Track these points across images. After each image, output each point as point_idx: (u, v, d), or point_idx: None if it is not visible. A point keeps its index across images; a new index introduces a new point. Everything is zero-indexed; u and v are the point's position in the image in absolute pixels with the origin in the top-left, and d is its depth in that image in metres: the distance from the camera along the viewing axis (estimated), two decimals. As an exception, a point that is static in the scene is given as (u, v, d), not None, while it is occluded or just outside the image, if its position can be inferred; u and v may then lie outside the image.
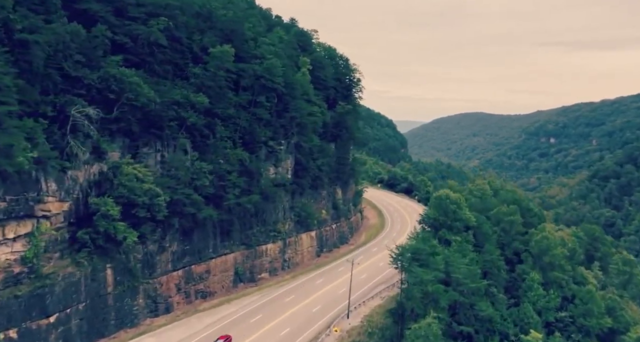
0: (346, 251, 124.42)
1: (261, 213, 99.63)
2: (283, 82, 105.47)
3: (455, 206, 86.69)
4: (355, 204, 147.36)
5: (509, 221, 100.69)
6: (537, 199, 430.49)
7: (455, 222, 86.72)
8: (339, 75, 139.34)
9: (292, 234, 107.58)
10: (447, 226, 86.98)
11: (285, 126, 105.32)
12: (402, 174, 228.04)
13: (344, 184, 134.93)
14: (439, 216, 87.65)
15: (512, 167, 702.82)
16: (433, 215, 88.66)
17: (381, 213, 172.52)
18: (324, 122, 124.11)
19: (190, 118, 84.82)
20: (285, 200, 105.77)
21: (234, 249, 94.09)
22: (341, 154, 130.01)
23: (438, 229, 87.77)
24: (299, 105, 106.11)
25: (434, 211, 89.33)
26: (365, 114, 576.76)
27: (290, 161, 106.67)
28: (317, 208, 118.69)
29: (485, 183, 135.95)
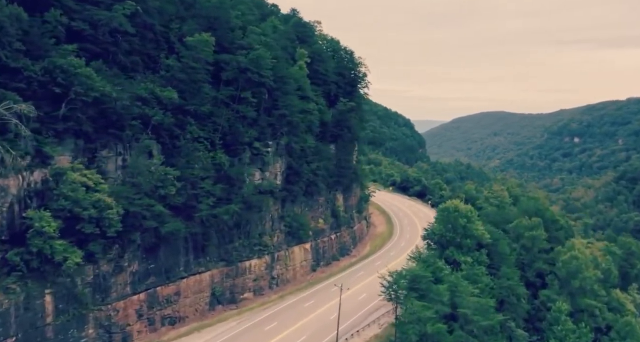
0: (347, 264, 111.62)
1: (244, 224, 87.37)
2: (273, 76, 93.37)
3: (465, 219, 73.03)
4: (359, 211, 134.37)
5: (530, 237, 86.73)
6: (560, 201, 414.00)
7: (465, 239, 72.98)
8: (341, 70, 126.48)
9: (282, 248, 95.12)
10: (456, 243, 73.33)
11: (274, 125, 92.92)
12: (416, 176, 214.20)
13: (346, 189, 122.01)
14: (446, 231, 74.05)
15: (534, 168, 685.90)
16: (439, 230, 75.04)
17: (390, 219, 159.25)
18: (323, 121, 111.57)
19: (156, 116, 72.95)
20: (273, 209, 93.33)
21: (210, 266, 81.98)
22: (342, 155, 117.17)
23: (445, 247, 74.24)
24: (289, 102, 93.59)
25: (440, 226, 75.76)
26: (382, 114, 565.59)
27: (280, 165, 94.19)
28: (313, 217, 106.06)
29: (503, 190, 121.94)
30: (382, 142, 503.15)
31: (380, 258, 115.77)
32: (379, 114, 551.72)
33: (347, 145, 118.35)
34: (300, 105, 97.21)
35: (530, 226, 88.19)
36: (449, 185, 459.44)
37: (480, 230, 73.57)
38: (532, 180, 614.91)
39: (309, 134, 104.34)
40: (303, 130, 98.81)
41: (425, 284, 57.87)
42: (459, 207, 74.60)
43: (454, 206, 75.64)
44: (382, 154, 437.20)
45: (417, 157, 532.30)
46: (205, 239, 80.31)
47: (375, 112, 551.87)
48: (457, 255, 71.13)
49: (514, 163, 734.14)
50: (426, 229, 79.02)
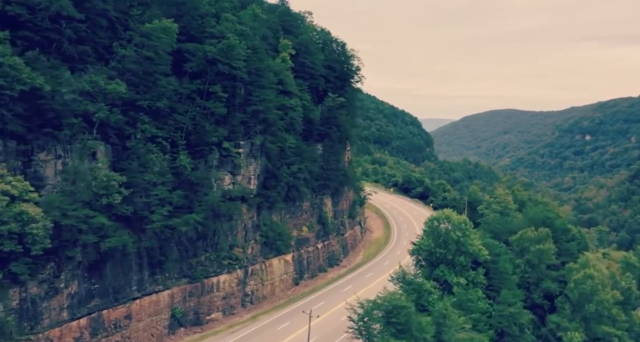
0: (335, 276, 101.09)
1: (211, 235, 77.23)
2: (247, 68, 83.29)
3: (458, 233, 61.80)
4: (352, 216, 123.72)
5: (537, 251, 74.95)
6: (572, 200, 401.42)
7: (459, 256, 61.64)
8: (332, 63, 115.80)
9: (257, 260, 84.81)
10: (448, 261, 62.18)
11: (248, 123, 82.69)
12: (418, 177, 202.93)
13: (336, 193, 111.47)
14: (436, 247, 62.91)
15: (545, 166, 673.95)
16: (427, 246, 64.08)
17: (388, 224, 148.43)
18: (309, 118, 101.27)
19: (99, 112, 62.92)
20: (247, 217, 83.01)
21: (169, 284, 71.89)
22: (331, 156, 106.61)
23: (435, 265, 63.25)
24: (265, 97, 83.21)
25: (428, 240, 64.71)
26: (389, 112, 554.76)
27: (255, 167, 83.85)
28: (296, 225, 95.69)
29: (507, 194, 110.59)
30: (388, 141, 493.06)
31: (372, 269, 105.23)
32: (385, 113, 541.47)
33: (336, 145, 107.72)
34: (278, 100, 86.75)
35: (537, 239, 76.54)
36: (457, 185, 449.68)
37: (476, 246, 62.22)
38: (543, 179, 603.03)
39: (291, 133, 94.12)
40: (282, 128, 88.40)
41: (405, 316, 47.28)
42: (451, 218, 63.58)
43: (444, 216, 64.49)
44: (389, 153, 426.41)
45: (424, 156, 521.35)
46: (162, 253, 70.19)
47: (381, 110, 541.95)
48: (449, 275, 59.89)
49: (524, 161, 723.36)
50: (414, 243, 68.21)
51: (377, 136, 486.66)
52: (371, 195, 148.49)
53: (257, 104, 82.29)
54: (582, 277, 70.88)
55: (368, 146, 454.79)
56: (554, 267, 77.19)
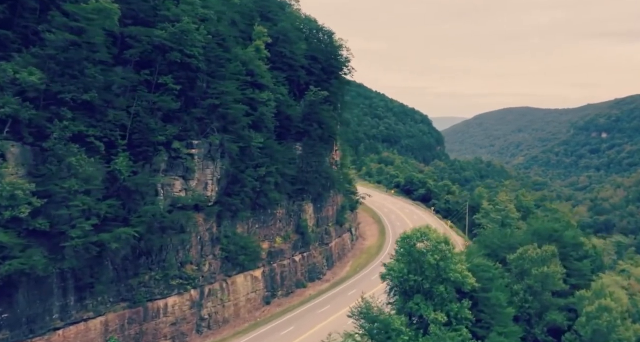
0: (314, 293, 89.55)
1: (156, 252, 65.97)
2: (205, 56, 72.27)
3: (436, 256, 48.99)
4: (340, 223, 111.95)
5: (540, 275, 61.73)
6: (587, 200, 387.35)
7: (438, 284, 49.10)
8: (315, 53, 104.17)
9: (216, 278, 73.43)
10: (425, 291, 49.76)
11: (204, 119, 71.39)
12: (421, 177, 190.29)
13: (318, 198, 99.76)
14: (409, 272, 50.52)
15: (560, 165, 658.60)
16: (400, 271, 51.61)
17: (384, 230, 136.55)
18: (287, 115, 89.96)
19: (5, 107, 52.07)
20: (203, 229, 71.68)
21: (102, 309, 60.70)
22: (312, 157, 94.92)
23: (409, 295, 51.06)
24: (224, 89, 71.86)
25: (401, 264, 52.24)
26: (398, 110, 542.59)
27: (213, 171, 72.49)
28: (267, 235, 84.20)
29: (509, 201, 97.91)
30: (397, 140, 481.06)
31: (358, 284, 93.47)
32: (394, 111, 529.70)
33: (317, 144, 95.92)
34: (246, 94, 75.33)
35: (541, 258, 63.59)
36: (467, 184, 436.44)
37: (460, 271, 49.57)
38: (558, 178, 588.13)
39: (262, 131, 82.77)
40: (247, 125, 76.91)
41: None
42: (429, 236, 50.96)
43: (421, 233, 51.86)
44: (397, 152, 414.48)
45: (434, 155, 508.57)
46: (93, 274, 59.10)
47: (390, 108, 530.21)
48: (425, 309, 47.43)
49: (538, 160, 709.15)
50: (385, 265, 55.90)
51: (386, 135, 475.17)
52: (364, 198, 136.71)
53: (215, 98, 70.90)
54: (597, 310, 57.68)
55: (376, 145, 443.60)
56: (561, 293, 64.30)
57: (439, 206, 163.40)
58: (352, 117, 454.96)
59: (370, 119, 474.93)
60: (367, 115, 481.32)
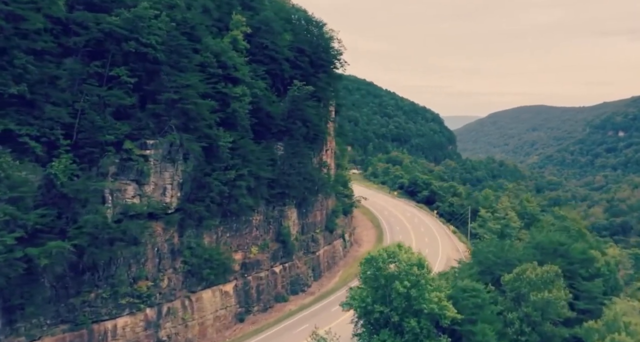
0: (296, 308, 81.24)
1: (104, 267, 58.14)
2: (166, 46, 64.56)
3: (407, 283, 39.80)
4: (331, 229, 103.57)
5: (540, 302, 52.04)
6: (603, 201, 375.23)
7: (409, 318, 39.92)
8: (302, 45, 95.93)
9: (177, 295, 65.40)
10: (393, 325, 40.92)
11: (161, 116, 63.46)
12: (425, 178, 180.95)
13: (303, 203, 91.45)
14: (376, 302, 41.60)
15: (575, 164, 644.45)
16: (362, 301, 42.66)
17: (382, 235, 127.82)
18: (266, 112, 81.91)
19: None
20: (162, 239, 63.69)
21: (37, 333, 52.98)
22: (296, 158, 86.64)
23: (376, 328, 42.31)
24: (184, 82, 63.87)
25: (364, 292, 43.37)
26: (409, 108, 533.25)
27: (173, 174, 64.53)
28: (241, 245, 76.04)
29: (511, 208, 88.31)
30: (407, 139, 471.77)
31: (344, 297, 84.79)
32: (405, 109, 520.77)
33: (301, 143, 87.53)
34: (202, 87, 67.07)
35: (542, 281, 54.06)
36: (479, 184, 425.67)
37: (438, 302, 40.43)
38: (573, 177, 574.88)
39: (237, 129, 74.84)
40: (214, 122, 68.86)
41: None
42: (397, 256, 41.94)
43: (388, 254, 42.82)
44: (407, 152, 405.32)
45: (445, 155, 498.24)
46: (22, 293, 51.40)
47: (401, 107, 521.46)
48: (394, 345, 39.18)
49: (553, 159, 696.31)
50: (351, 289, 47.25)
51: (396, 134, 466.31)
52: (360, 201, 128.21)
53: (175, 92, 62.90)
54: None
55: (385, 144, 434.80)
56: (566, 322, 54.34)
57: (442, 209, 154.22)
58: (360, 116, 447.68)
59: (379, 118, 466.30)
60: (377, 114, 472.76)
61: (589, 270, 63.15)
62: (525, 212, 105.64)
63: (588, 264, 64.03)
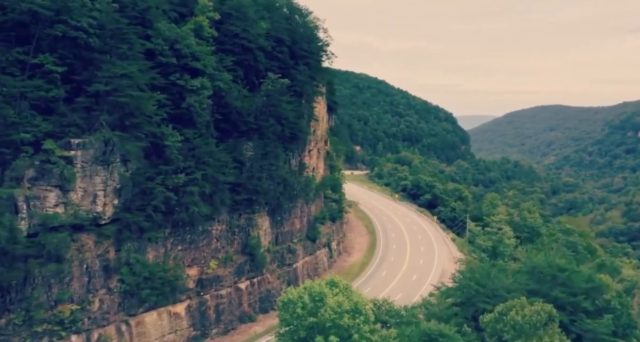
0: (263, 330, 71.50)
1: (17, 288, 49.20)
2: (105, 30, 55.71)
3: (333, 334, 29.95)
4: (313, 238, 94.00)
5: None
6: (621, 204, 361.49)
7: None
8: (281, 34, 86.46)
9: (110, 320, 56.23)
10: None
11: (92, 111, 54.44)
12: (429, 181, 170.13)
13: (278, 210, 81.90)
14: None
15: (593, 165, 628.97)
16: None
17: (375, 243, 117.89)
18: (234, 107, 72.71)
19: None
20: (92, 255, 54.60)
21: None
22: (265, 159, 77.07)
23: None
24: (118, 71, 54.74)
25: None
26: (421, 107, 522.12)
27: (107, 178, 55.42)
28: (196, 259, 66.69)
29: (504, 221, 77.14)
30: (418, 139, 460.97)
31: None
32: (417, 108, 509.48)
33: (272, 143, 77.87)
34: (143, 78, 57.80)
35: (531, 325, 43.05)
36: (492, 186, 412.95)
37: None
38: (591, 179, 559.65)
39: (197, 127, 65.79)
40: (160, 119, 59.70)
41: None
42: (323, 301, 31.85)
43: (304, 302, 32.62)
44: (418, 152, 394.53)
45: (458, 155, 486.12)
46: None
47: (413, 106, 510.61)
48: None
49: (570, 160, 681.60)
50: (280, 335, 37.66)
51: (407, 133, 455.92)
52: (351, 206, 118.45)
53: (106, 83, 53.80)
54: None
55: (396, 144, 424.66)
56: None
57: (444, 214, 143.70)
58: (371, 115, 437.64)
59: (390, 117, 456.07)
60: (388, 112, 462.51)
61: (597, 302, 52.18)
62: (525, 224, 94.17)
63: (595, 295, 53.09)
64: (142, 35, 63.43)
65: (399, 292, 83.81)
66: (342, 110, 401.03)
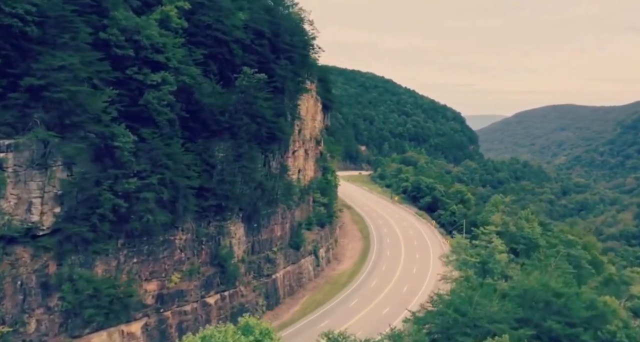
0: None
1: None
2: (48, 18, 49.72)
3: None
4: (297, 245, 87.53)
5: None
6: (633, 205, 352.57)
7: None
8: (260, 26, 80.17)
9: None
10: None
11: (26, 108, 48.32)
12: (429, 182, 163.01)
13: (254, 216, 75.46)
14: None
15: (605, 165, 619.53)
16: None
17: (368, 249, 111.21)
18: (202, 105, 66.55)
19: None
20: (27, 270, 48.45)
21: None
22: (238, 162, 70.69)
23: None
24: (57, 63, 48.58)
25: None
26: (428, 107, 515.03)
27: (44, 184, 49.24)
28: (155, 272, 60.38)
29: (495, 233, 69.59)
30: (425, 139, 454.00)
31: (296, 336, 68.86)
32: (424, 108, 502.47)
33: (245, 144, 71.35)
34: (85, 71, 51.54)
35: None
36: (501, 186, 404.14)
37: None
38: (602, 179, 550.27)
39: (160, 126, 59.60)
40: (110, 117, 53.44)
41: None
42: None
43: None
44: (425, 151, 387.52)
45: (466, 155, 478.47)
46: None
47: (420, 105, 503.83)
48: None
49: (581, 160, 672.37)
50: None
51: (413, 133, 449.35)
52: (342, 211, 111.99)
53: (40, 77, 47.67)
54: None
55: (402, 144, 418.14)
56: None
57: (444, 218, 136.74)
58: (377, 114, 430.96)
59: (397, 116, 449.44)
60: (394, 112, 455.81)
61: (599, 334, 44.68)
62: (521, 235, 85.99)
63: (598, 324, 45.60)
64: (99, 25, 57.50)
65: (386, 305, 77.27)
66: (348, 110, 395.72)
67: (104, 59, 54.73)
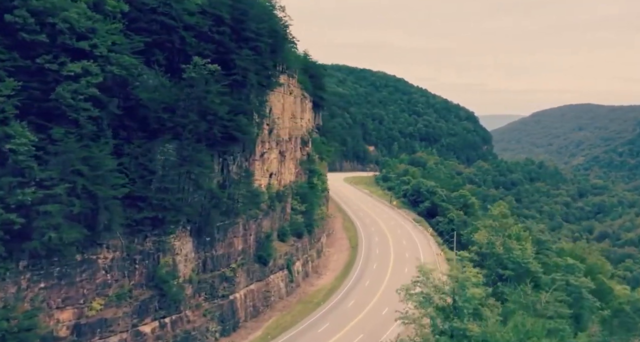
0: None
1: None
2: None
3: None
4: (264, 260, 77.51)
5: None
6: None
7: None
8: (219, 11, 70.33)
9: None
10: None
11: None
12: (430, 186, 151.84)
13: (205, 228, 65.48)
14: None
15: (624, 166, 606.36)
16: None
17: (354, 261, 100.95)
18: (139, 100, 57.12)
19: None
20: None
21: None
22: (183, 166, 60.87)
23: None
24: None
25: None
26: (440, 106, 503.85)
27: None
28: (71, 298, 50.70)
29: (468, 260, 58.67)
30: (437, 139, 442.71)
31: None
32: (436, 107, 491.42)
33: (194, 146, 61.54)
34: None
35: None
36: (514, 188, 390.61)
37: None
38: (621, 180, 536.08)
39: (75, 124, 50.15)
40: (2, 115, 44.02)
41: None
42: None
43: None
44: (436, 152, 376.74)
45: (479, 155, 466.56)
46: None
47: (432, 104, 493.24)
48: None
49: (600, 161, 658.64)
50: None
51: (424, 133, 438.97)
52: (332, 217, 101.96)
53: None
54: None
55: (413, 144, 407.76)
56: None
57: (442, 226, 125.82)
58: (386, 114, 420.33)
59: (407, 116, 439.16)
60: (405, 111, 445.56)
61: None
62: (510, 258, 72.70)
63: None
64: (9, 6, 48.37)
65: (359, 333, 66.94)
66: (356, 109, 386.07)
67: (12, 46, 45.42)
